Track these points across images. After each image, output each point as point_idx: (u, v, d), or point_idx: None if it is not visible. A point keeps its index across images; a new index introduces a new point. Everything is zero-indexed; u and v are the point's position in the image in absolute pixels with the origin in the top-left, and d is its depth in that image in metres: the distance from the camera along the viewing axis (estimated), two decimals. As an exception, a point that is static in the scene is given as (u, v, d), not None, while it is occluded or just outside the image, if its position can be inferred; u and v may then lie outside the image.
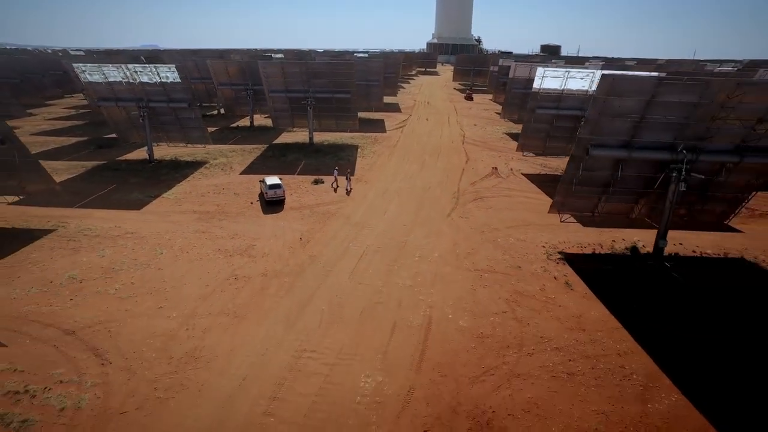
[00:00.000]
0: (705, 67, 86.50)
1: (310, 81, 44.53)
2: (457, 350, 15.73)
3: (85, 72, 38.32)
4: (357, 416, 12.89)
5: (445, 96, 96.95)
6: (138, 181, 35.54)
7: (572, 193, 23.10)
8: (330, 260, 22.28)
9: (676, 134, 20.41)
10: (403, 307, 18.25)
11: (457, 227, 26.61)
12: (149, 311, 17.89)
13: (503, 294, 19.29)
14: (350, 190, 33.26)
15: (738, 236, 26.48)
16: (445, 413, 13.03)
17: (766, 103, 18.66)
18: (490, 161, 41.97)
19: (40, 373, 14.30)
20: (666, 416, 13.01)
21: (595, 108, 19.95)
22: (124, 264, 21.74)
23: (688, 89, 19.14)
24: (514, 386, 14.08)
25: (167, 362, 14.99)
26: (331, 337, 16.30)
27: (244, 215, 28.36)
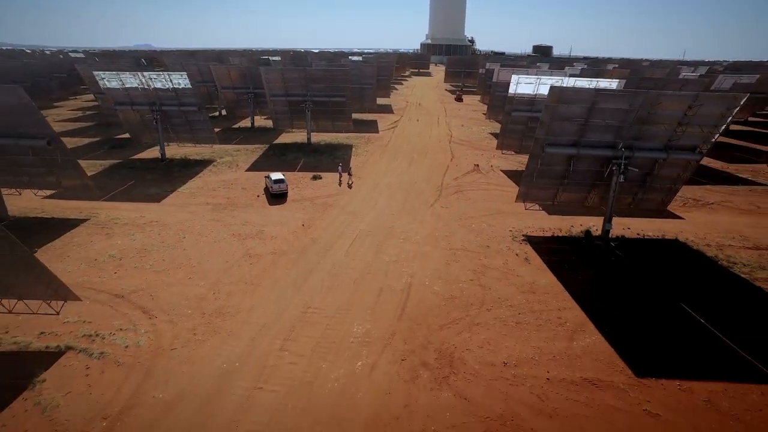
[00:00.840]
0: (681, 70, 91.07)
1: (309, 86, 48.57)
2: (430, 307, 19.84)
3: (104, 79, 42.14)
4: (351, 350, 16.97)
5: (436, 97, 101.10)
6: (154, 177, 39.44)
7: (533, 185, 27.25)
8: (328, 242, 26.37)
9: (616, 135, 24.58)
10: (389, 276, 22.37)
11: (438, 216, 30.76)
12: (181, 281, 21.91)
13: (472, 267, 23.44)
14: (351, 184, 37.38)
15: (679, 222, 30.77)
16: (418, 348, 17.14)
17: (682, 110, 22.85)
18: (473, 159, 46.13)
19: (104, 324, 18.29)
20: (584, 349, 17.17)
21: (546, 113, 24.08)
22: (153, 246, 25.72)
23: (621, 99, 23.32)
24: (473, 331, 18.21)
25: (200, 316, 19.02)
26: (331, 298, 20.39)
27: (252, 206, 32.37)
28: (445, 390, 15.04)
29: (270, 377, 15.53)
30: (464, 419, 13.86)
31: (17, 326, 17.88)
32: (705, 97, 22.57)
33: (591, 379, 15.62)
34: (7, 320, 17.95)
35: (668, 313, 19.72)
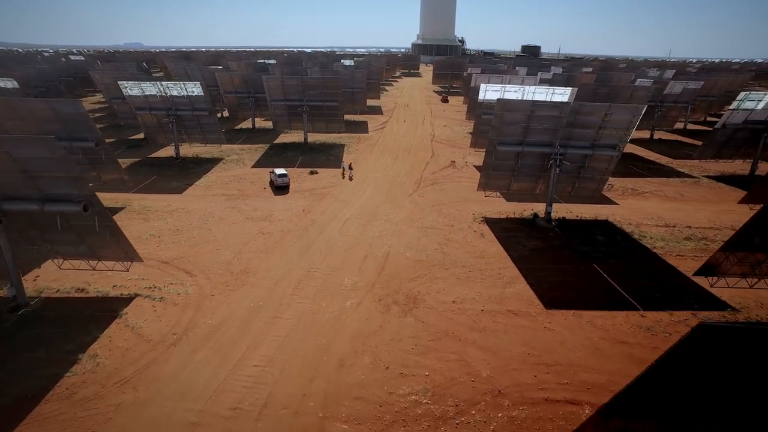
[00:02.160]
0: (647, 72, 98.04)
1: (305, 92, 54.87)
2: (402, 267, 26.27)
3: (126, 87, 48.16)
4: (342, 294, 23.36)
5: (423, 98, 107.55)
6: (172, 173, 45.55)
7: (491, 177, 33.77)
8: (324, 223, 32.74)
9: (552, 136, 31.09)
10: (372, 247, 28.79)
11: (415, 203, 37.22)
12: (211, 251, 28.18)
13: (437, 240, 29.91)
14: (352, 177, 43.75)
15: (614, 207, 37.42)
16: (392, 293, 23.56)
17: (600, 117, 29.40)
18: (451, 156, 52.63)
19: (159, 280, 24.57)
20: (513, 293, 23.68)
21: (496, 119, 30.55)
22: (183, 227, 31.95)
23: (553, 108, 29.85)
24: (433, 282, 24.65)
25: (230, 274, 25.33)
26: (327, 262, 26.78)
27: (260, 197, 38.65)
28: (408, 317, 21.48)
29: (285, 311, 21.90)
30: (420, 333, 20.30)
31: (96, 281, 24.10)
32: (615, 107, 29.16)
33: (513, 310, 22.12)
34: (87, 276, 24.17)
35: (582, 271, 26.30)
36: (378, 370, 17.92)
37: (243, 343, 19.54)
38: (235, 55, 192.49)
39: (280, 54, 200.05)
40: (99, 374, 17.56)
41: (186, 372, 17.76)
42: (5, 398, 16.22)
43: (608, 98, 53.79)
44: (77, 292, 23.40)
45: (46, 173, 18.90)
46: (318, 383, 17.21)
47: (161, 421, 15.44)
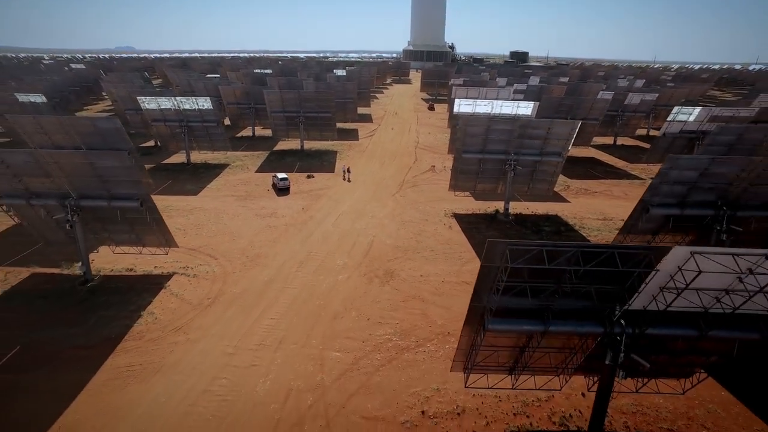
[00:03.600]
0: (618, 81, 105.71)
1: (302, 104, 61.51)
2: (384, 251, 32.94)
3: (144, 102, 54.56)
4: (336, 271, 29.97)
5: (411, 106, 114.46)
6: (186, 177, 51.99)
7: (459, 179, 40.55)
8: (321, 218, 39.37)
9: (507, 145, 37.92)
10: (360, 236, 35.46)
11: (397, 201, 43.95)
12: (228, 241, 34.69)
13: (413, 231, 36.63)
14: (350, 180, 50.38)
15: (565, 204, 44.32)
16: (374, 269, 30.19)
17: (545, 131, 36.26)
18: (432, 161, 59.46)
19: (190, 262, 31.07)
20: (468, 270, 30.38)
21: (461, 131, 37.34)
22: (203, 222, 38.44)
23: (506, 123, 36.69)
24: (407, 262, 31.33)
25: (246, 257, 31.87)
26: (323, 247, 33.41)
27: (265, 197, 45.19)
28: (386, 286, 28.15)
29: (291, 282, 28.50)
30: (394, 297, 26.95)
31: (140, 263, 30.54)
32: (555, 123, 36.07)
33: (466, 281, 28.82)
34: (132, 259, 30.62)
35: (526, 254, 33.10)
36: (361, 321, 24.58)
37: (261, 304, 26.12)
38: (231, 62, 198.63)
39: (275, 62, 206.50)
40: (158, 324, 24.09)
41: (221, 323, 24.32)
42: (96, 339, 22.70)
43: (570, 110, 60.82)
44: (127, 271, 29.87)
45: (115, 178, 25.44)
46: (318, 329, 23.84)
47: (208, 353, 21.98)
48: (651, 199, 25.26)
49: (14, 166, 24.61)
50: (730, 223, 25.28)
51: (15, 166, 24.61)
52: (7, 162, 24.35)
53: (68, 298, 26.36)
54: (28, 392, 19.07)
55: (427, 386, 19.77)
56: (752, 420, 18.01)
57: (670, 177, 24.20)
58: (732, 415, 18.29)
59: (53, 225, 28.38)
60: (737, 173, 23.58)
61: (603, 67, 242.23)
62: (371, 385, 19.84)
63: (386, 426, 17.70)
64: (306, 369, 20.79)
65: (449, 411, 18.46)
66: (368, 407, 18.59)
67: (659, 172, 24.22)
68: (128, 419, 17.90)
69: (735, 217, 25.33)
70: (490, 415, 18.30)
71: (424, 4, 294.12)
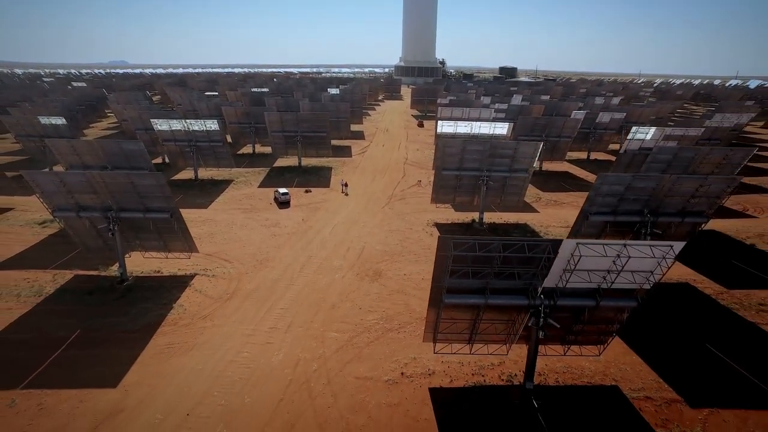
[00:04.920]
0: (594, 101, 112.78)
1: (299, 124, 67.35)
2: (374, 255, 38.50)
3: (157, 124, 60.14)
4: (333, 271, 35.48)
5: (402, 123, 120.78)
6: (195, 192, 57.42)
7: (439, 193, 46.30)
8: (319, 228, 44.93)
9: (480, 163, 43.78)
10: (353, 242, 41.03)
11: (385, 213, 49.64)
12: (239, 247, 40.12)
13: (399, 238, 42.27)
14: (347, 194, 56.00)
15: (535, 214, 50.17)
16: (366, 270, 35.72)
17: (512, 151, 42.16)
18: (419, 176, 65.30)
19: (208, 265, 36.46)
20: (444, 269, 35.99)
21: (439, 151, 43.16)
22: (215, 232, 43.85)
23: (479, 144, 42.58)
24: (393, 264, 36.89)
25: (256, 260, 37.30)
26: (322, 252, 38.93)
27: (268, 210, 50.71)
28: (375, 283, 33.67)
29: (296, 281, 33.96)
30: (381, 291, 32.45)
31: (165, 266, 35.85)
32: (520, 144, 42.02)
33: (442, 279, 34.34)
34: (158, 263, 35.95)
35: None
36: (355, 309, 30.06)
37: (271, 298, 31.54)
38: (227, 80, 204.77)
39: (270, 79, 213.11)
40: (188, 313, 29.43)
41: (239, 312, 29.71)
42: (139, 325, 28.01)
43: (544, 129, 67.07)
44: (155, 272, 35.21)
45: (151, 194, 30.92)
46: (319, 315, 29.29)
47: (231, 334, 27.32)
48: (589, 209, 31.08)
49: (69, 185, 30.05)
50: (653, 227, 31.13)
51: (70, 185, 30.05)
52: (65, 182, 29.80)
53: (110, 294, 31.66)
54: (95, 362, 24.35)
55: (406, 356, 25.26)
56: (649, 372, 23.65)
57: (602, 191, 30.05)
58: (636, 371, 23.92)
59: (94, 234, 33.75)
60: (653, 187, 29.46)
61: (588, 83, 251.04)
62: (362, 355, 25.31)
63: (373, 383, 23.14)
64: (310, 345, 26.22)
65: (422, 372, 23.95)
66: (360, 370, 24.03)
67: (593, 187, 30.05)
68: (174, 381, 23.21)
69: (657, 222, 31.19)
70: (453, 375, 23.80)
71: (415, 22, 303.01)
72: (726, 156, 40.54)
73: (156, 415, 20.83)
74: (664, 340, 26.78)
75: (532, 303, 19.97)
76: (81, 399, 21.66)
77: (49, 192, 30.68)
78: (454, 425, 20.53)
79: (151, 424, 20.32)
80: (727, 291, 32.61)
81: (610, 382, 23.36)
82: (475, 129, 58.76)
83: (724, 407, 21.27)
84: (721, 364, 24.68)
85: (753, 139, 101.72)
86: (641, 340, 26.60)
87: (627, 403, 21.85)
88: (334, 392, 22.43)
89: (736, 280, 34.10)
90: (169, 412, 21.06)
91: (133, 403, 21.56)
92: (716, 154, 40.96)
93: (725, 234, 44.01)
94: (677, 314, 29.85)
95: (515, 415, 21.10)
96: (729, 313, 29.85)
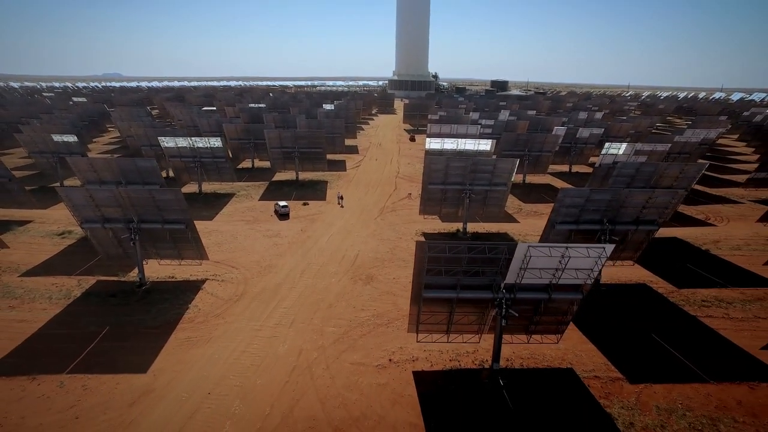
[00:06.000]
0: (578, 116, 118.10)
1: (296, 141, 71.75)
2: (367, 261, 42.64)
3: (164, 141, 64.30)
4: (330, 275, 39.55)
5: (394, 137, 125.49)
6: (200, 205, 61.42)
7: (427, 205, 50.62)
8: (317, 237, 49.06)
9: (463, 178, 48.16)
10: (348, 250, 45.17)
11: (377, 224, 53.88)
12: (244, 256, 44.14)
13: (390, 246, 46.47)
14: (343, 206, 60.21)
15: (515, 224, 54.58)
16: (359, 274, 39.82)
17: (491, 167, 46.59)
18: (409, 189, 69.67)
19: (218, 271, 40.45)
20: (430, 273, 40.20)
21: (426, 168, 47.54)
22: (221, 242, 47.86)
23: (461, 160, 47.00)
24: (384, 269, 41.02)
25: (260, 267, 41.32)
26: (320, 259, 43.03)
27: (269, 221, 54.81)
28: (368, 286, 37.77)
29: (297, 284, 38.00)
30: (373, 293, 36.56)
31: (178, 272, 39.81)
32: (498, 161, 46.48)
33: (428, 282, 38.49)
34: (172, 269, 39.89)
35: (476, 262, 43.01)
36: (349, 308, 34.14)
37: (275, 299, 35.57)
38: (223, 94, 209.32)
39: (266, 94, 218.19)
40: (202, 313, 33.39)
41: (248, 311, 33.70)
42: (160, 322, 31.92)
43: (525, 144, 71.78)
44: (169, 278, 39.15)
45: (169, 207, 34.99)
46: (318, 313, 33.33)
47: (241, 329, 31.29)
48: (555, 219, 35.42)
49: (98, 199, 34.10)
50: (612, 234, 35.50)
51: (98, 199, 34.10)
52: (94, 197, 33.85)
53: (131, 297, 35.58)
54: (125, 352, 28.24)
55: (394, 345, 29.33)
56: (600, 357, 27.86)
57: (565, 203, 34.43)
58: (589, 356, 28.10)
59: (115, 243, 37.70)
60: (609, 199, 33.88)
61: (576, 96, 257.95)
62: (356, 345, 29.36)
63: (365, 368, 27.17)
64: (311, 337, 30.25)
65: (407, 359, 28.02)
66: (354, 358, 28.07)
67: (557, 199, 34.42)
68: (194, 367, 27.14)
69: (615, 230, 35.58)
70: (434, 361, 27.88)
71: (408, 37, 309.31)
72: (682, 170, 45.13)
73: (182, 394, 24.75)
74: (617, 332, 31.01)
75: (495, 296, 24.19)
76: (117, 382, 25.54)
77: (79, 206, 34.70)
78: (432, 400, 24.57)
79: (178, 400, 24.23)
80: (677, 290, 36.99)
81: (566, 365, 27.50)
82: (461, 145, 63.38)
83: (656, 383, 25.45)
84: (661, 350, 28.90)
85: (726, 152, 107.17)
86: (597, 331, 30.82)
87: (578, 381, 25.99)
88: (332, 375, 26.44)
89: (686, 281, 38.50)
90: (193, 391, 24.98)
91: (161, 384, 25.47)
92: (674, 168, 45.52)
93: (685, 241, 48.54)
94: (632, 309, 34.14)
95: (484, 391, 25.18)
96: (676, 309, 34.17)
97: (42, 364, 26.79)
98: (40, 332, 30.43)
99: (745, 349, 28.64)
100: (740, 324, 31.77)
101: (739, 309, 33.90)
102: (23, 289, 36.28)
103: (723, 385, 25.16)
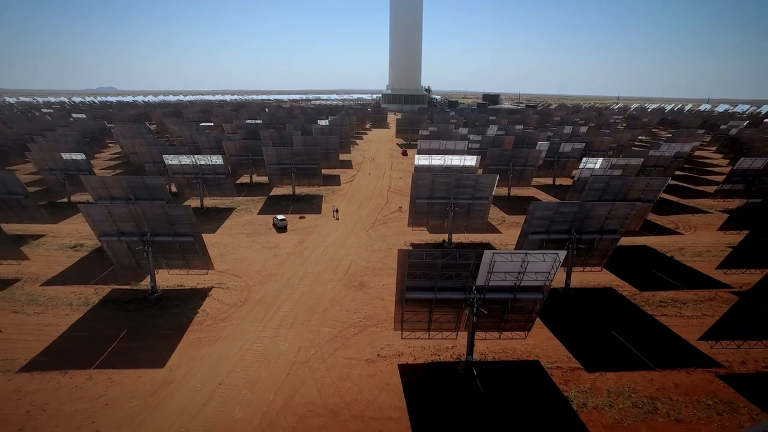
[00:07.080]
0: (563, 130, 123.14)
1: (293, 157, 75.79)
2: (360, 269, 46.40)
3: (168, 159, 68.12)
4: (325, 282, 43.27)
5: (387, 152, 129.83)
6: (201, 219, 64.94)
7: (415, 217, 54.56)
8: (313, 248, 52.84)
9: (448, 192, 52.18)
10: (341, 260, 48.95)
11: (369, 235, 57.76)
12: (246, 266, 47.82)
13: (381, 256, 50.29)
14: (338, 219, 64.04)
15: (497, 235, 58.59)
16: (352, 282, 43.56)
17: (474, 181, 50.68)
18: (400, 203, 73.67)
19: (222, 280, 44.10)
20: (417, 280, 44.05)
21: (414, 183, 51.54)
22: (224, 253, 51.53)
23: (446, 176, 51.07)
24: (375, 277, 44.79)
25: (261, 276, 45.01)
26: (316, 269, 46.76)
27: (268, 234, 58.56)
28: (360, 291, 41.51)
29: (295, 291, 41.69)
30: (364, 297, 40.28)
31: (186, 281, 43.43)
32: (480, 177, 50.59)
33: (414, 287, 42.33)
34: (181, 278, 43.50)
35: (459, 269, 46.90)
36: (343, 311, 37.86)
37: (276, 304, 39.24)
38: (220, 109, 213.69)
39: (262, 109, 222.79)
40: (210, 317, 37.01)
41: (251, 315, 37.35)
42: (173, 324, 35.53)
43: (510, 159, 76.13)
44: (179, 286, 42.77)
45: (180, 221, 38.75)
46: (315, 317, 37.03)
47: (246, 330, 34.91)
48: (528, 229, 39.43)
49: (115, 214, 37.84)
50: (579, 243, 39.52)
51: (115, 214, 37.84)
52: (111, 212, 37.60)
53: (145, 303, 39.18)
54: (144, 351, 31.83)
55: (382, 343, 33.07)
56: (564, 351, 31.71)
57: (536, 215, 38.47)
58: (555, 350, 31.95)
59: (129, 254, 41.36)
60: (575, 212, 37.96)
61: (565, 108, 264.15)
62: (349, 343, 33.07)
63: (357, 361, 30.87)
64: (309, 337, 33.94)
65: (394, 354, 31.75)
66: (347, 353, 31.77)
67: (528, 212, 38.45)
68: (206, 363, 30.75)
69: (582, 239, 39.61)
70: (417, 355, 31.61)
71: (402, 51, 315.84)
72: (647, 183, 49.38)
73: (197, 385, 28.35)
74: (582, 329, 34.90)
75: (467, 296, 28.05)
76: (139, 375, 29.12)
77: (98, 220, 38.42)
78: (414, 387, 28.28)
79: (194, 390, 27.83)
80: (639, 293, 40.98)
81: (533, 357, 31.33)
82: (448, 161, 67.57)
83: (609, 371, 29.33)
84: (618, 344, 32.78)
85: (703, 164, 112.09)
86: (564, 329, 34.69)
87: (543, 371, 29.79)
88: (328, 368, 30.13)
89: (648, 284, 42.52)
90: (206, 382, 28.59)
91: (178, 377, 29.06)
92: (641, 182, 49.79)
93: (653, 248, 52.68)
94: (597, 310, 38.06)
95: (459, 380, 28.92)
96: (636, 309, 38.13)
97: (71, 360, 30.36)
98: (66, 334, 33.98)
99: (689, 341, 32.57)
100: (689, 321, 35.77)
101: (690, 308, 37.92)
102: (45, 297, 39.82)
103: (665, 372, 29.08)
